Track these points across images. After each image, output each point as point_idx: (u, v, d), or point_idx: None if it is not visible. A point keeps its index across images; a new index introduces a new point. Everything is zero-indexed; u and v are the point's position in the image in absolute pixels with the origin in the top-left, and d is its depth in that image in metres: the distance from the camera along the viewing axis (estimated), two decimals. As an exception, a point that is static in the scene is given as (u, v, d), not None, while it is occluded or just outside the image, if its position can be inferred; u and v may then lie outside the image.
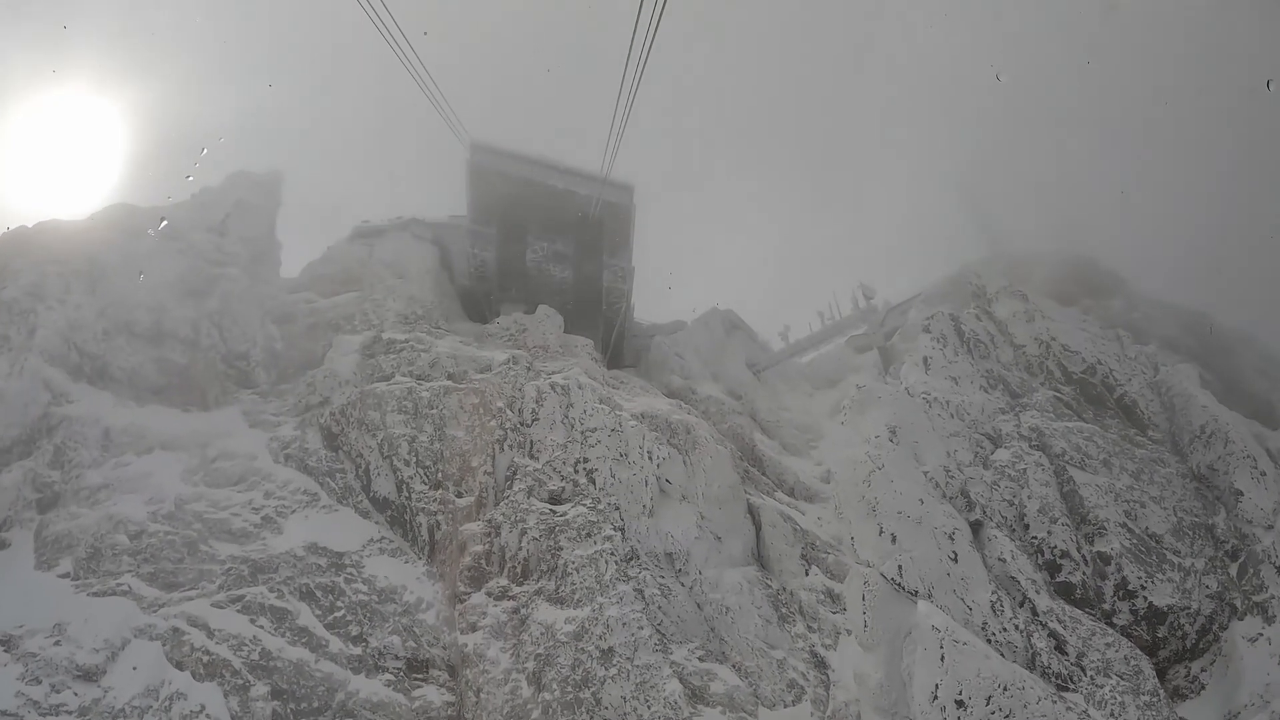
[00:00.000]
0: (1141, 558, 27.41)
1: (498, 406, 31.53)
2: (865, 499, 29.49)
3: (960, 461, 29.68)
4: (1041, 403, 32.07)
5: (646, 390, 39.36)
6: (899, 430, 31.01)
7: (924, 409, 31.75)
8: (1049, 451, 29.97)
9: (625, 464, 30.30)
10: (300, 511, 28.83)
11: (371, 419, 30.96)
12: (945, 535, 27.46)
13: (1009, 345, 34.89)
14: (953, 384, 32.31)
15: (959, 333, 35.48)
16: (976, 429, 30.78)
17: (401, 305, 39.50)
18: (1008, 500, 28.55)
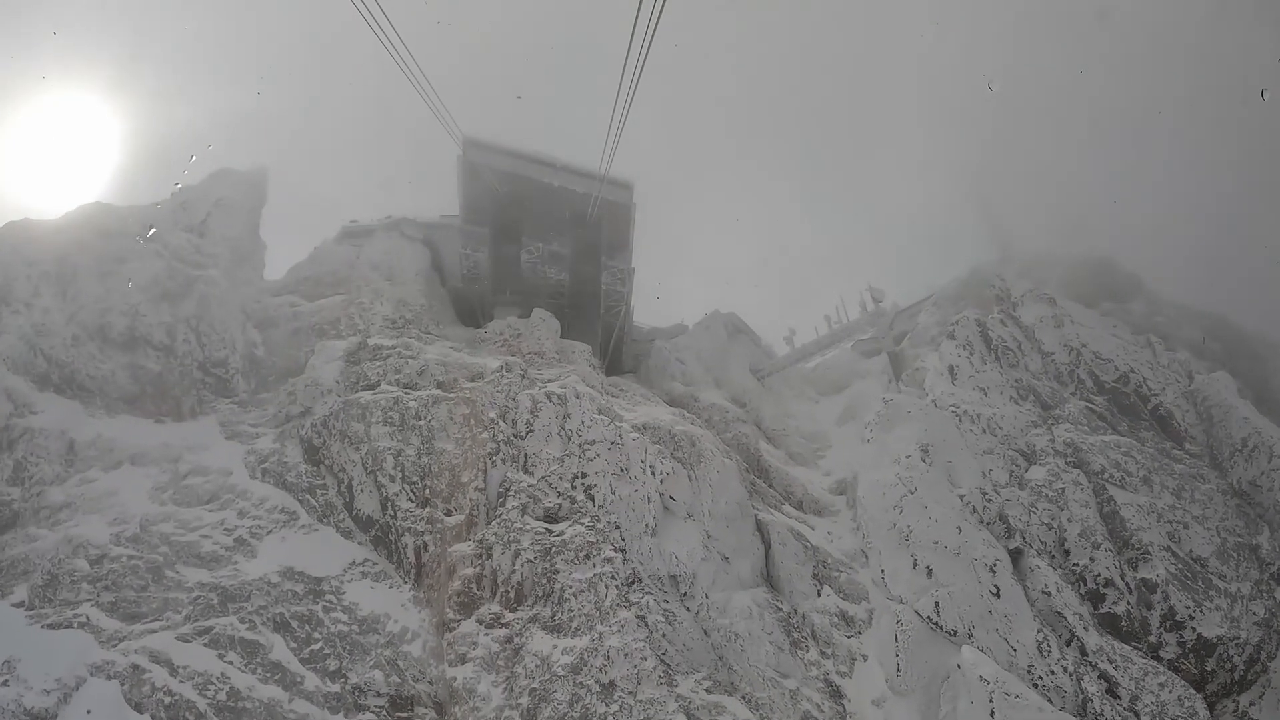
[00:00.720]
0: (1188, 584, 25.43)
1: (490, 417, 29.59)
2: (897, 527, 27.44)
3: (996, 482, 27.59)
4: (1074, 414, 30.08)
5: (647, 399, 37.39)
6: (931, 449, 28.88)
7: (955, 424, 29.76)
8: (1087, 468, 27.94)
9: (626, 479, 28.34)
10: (276, 532, 26.87)
11: (355, 431, 29.00)
12: (986, 567, 25.35)
13: (1037, 352, 32.82)
14: (982, 395, 30.27)
15: (986, 339, 33.47)
16: (1009, 445, 28.72)
17: (389, 309, 37.53)
18: (1046, 524, 26.47)
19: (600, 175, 37.24)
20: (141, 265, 36.37)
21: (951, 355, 32.38)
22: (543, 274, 41.34)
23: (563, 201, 41.07)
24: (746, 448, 38.70)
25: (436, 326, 38.66)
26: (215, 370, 34.54)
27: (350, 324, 36.91)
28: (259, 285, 42.37)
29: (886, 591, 27.10)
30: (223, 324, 35.77)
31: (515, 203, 41.50)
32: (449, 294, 43.26)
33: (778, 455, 41.20)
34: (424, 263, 42.49)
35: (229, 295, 37.33)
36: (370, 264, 42.16)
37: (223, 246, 40.84)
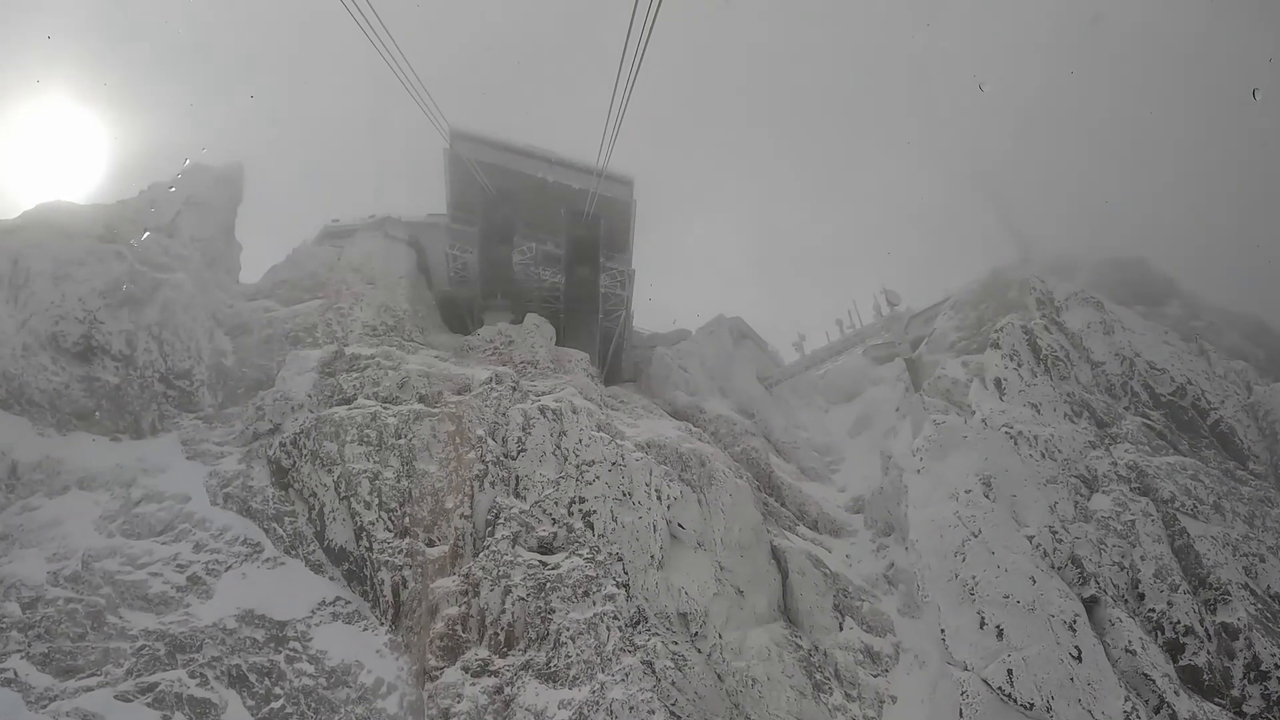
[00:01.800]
0: (1269, 627, 22.60)
1: (478, 435, 26.73)
2: (959, 578, 23.56)
3: (1063, 517, 24.45)
4: (1132, 433, 27.18)
5: (650, 411, 34.57)
6: (994, 481, 25.49)
7: (1013, 449, 26.54)
8: (1155, 496, 25.03)
9: (629, 505, 25.50)
10: (237, 568, 23.95)
11: (327, 451, 26.09)
12: (1065, 625, 21.87)
13: (1086, 362, 29.88)
14: (1034, 412, 27.34)
15: (1034, 348, 30.42)
16: (1070, 470, 25.75)
17: (370, 315, 34.65)
18: (1117, 563, 23.44)
19: (598, 170, 34.41)
20: (102, 268, 33.39)
21: (998, 367, 29.27)
22: (536, 276, 38.41)
23: (558, 198, 38.20)
24: (756, 463, 35.93)
25: (421, 333, 35.79)
26: (179, 382, 31.61)
27: (327, 331, 34.04)
28: (233, 289, 39.54)
29: (948, 655, 22.81)
30: (188, 331, 32.85)
31: (506, 199, 38.65)
32: (436, 298, 40.41)
33: (789, 470, 38.47)
34: (409, 264, 39.60)
35: (196, 300, 34.41)
36: (351, 266, 39.31)
37: (193, 248, 38.04)
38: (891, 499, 34.09)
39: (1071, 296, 32.10)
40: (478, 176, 36.38)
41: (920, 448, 27.46)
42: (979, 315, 42.12)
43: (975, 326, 41.81)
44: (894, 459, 35.40)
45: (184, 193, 39.74)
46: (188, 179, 41.03)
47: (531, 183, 37.79)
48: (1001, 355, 29.26)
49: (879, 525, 34.51)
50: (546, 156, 38.11)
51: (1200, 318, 37.40)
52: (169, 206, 39.26)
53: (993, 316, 41.45)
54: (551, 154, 38.16)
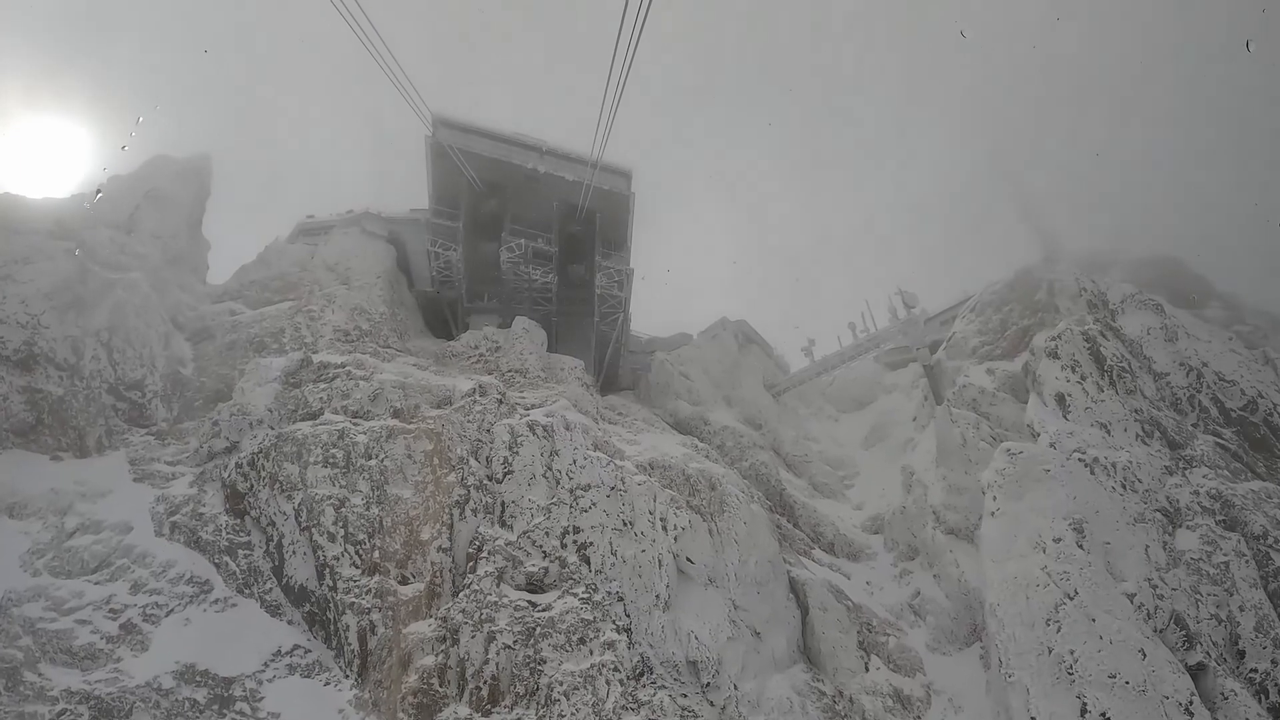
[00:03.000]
0: (1383, 685, 19.62)
1: (459, 455, 23.69)
2: (1054, 653, 19.60)
3: (1157, 563, 21.00)
4: (1208, 454, 24.05)
5: (650, 424, 31.54)
6: (1086, 526, 21.75)
7: (1096, 482, 22.83)
8: (1244, 530, 21.85)
9: (630, 536, 22.48)
10: (180, 612, 20.86)
11: (287, 474, 23.01)
12: (1180, 709, 18.40)
13: (1148, 373, 26.74)
14: (1104, 433, 24.20)
15: (1096, 358, 26.88)
16: (1151, 502, 22.63)
17: (342, 318, 31.53)
18: (1213, 615, 20.20)
19: (593, 160, 31.40)
20: (50, 267, 30.25)
21: (1059, 380, 25.95)
22: (526, 275, 35.28)
23: (550, 190, 35.09)
24: (766, 480, 32.98)
25: (399, 338, 32.66)
26: (129, 394, 28.48)
27: (296, 336, 30.93)
28: (198, 290, 36.39)
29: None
30: (141, 337, 29.69)
31: (494, 192, 35.57)
32: (417, 300, 37.31)
33: (801, 486, 35.54)
34: (387, 263, 36.46)
35: (152, 302, 31.25)
36: (325, 265, 36.17)
37: (153, 245, 34.91)
38: (915, 519, 31.21)
39: (1128, 299, 28.93)
40: (462, 167, 33.31)
41: (993, 483, 23.82)
42: (1003, 319, 39.16)
43: (999, 330, 38.90)
44: (917, 475, 32.55)
45: (144, 186, 36.57)
46: (149, 171, 37.90)
47: (521, 174, 34.71)
48: (1061, 366, 26.07)
49: (901, 548, 31.65)
50: (537, 146, 35.06)
51: (1244, 321, 34.45)
52: (127, 201, 36.11)
53: (1019, 320, 38.55)
54: (543, 143, 35.11)
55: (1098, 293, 29.61)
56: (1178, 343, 27.01)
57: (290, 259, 37.13)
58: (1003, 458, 24.10)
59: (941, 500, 30.23)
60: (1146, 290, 32.64)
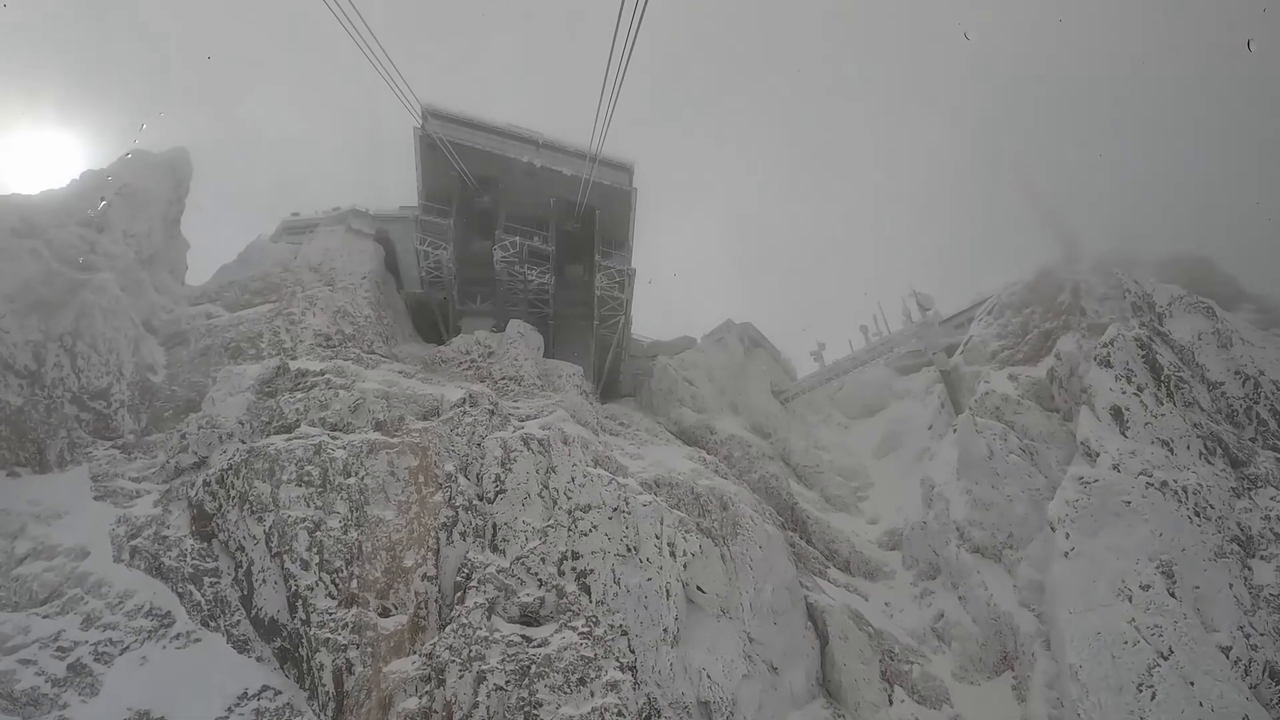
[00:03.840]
0: None
1: (446, 471, 21.72)
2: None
3: (1244, 605, 18.57)
4: (1273, 473, 21.77)
5: (654, 435, 29.57)
6: (1175, 568, 19.39)
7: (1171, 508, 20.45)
8: None
9: (635, 563, 20.48)
10: (136, 649, 18.85)
11: (258, 493, 20.98)
12: None
13: (1202, 382, 24.63)
14: (1166, 453, 22.01)
15: (1152, 367, 24.68)
16: (1224, 530, 20.28)
17: (324, 321, 29.52)
18: None
19: (592, 153, 29.44)
20: (13, 266, 28.28)
21: (1115, 392, 23.76)
22: (521, 276, 33.21)
23: (546, 186, 33.09)
24: (777, 493, 31.02)
25: (385, 343, 30.65)
26: (94, 404, 26.45)
27: (274, 341, 28.94)
28: (175, 292, 34.34)
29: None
30: (108, 342, 27.66)
31: (487, 187, 33.62)
32: (406, 302, 35.31)
33: (813, 500, 33.57)
34: (374, 263, 34.48)
35: (122, 305, 29.21)
36: (308, 265, 34.20)
37: (126, 244, 32.85)
38: (937, 536, 29.28)
39: (1176, 301, 26.75)
40: (453, 160, 31.33)
41: (1064, 518, 21.44)
42: (1023, 321, 37.37)
43: (1020, 334, 37.09)
44: (938, 489, 30.61)
45: (118, 181, 34.43)
46: (123, 166, 35.77)
47: (516, 168, 32.73)
48: (1115, 376, 23.93)
49: (921, 566, 29.75)
50: (533, 138, 33.08)
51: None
52: (99, 197, 33.98)
53: (1040, 323, 36.75)
54: (539, 135, 33.13)
55: (1143, 294, 27.55)
56: (1232, 349, 24.88)
57: (272, 259, 35.13)
58: (1074, 487, 21.66)
59: (965, 516, 28.32)
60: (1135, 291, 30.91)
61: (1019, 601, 25.46)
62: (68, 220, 31.86)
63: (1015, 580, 26.02)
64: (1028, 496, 26.23)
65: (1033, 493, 26.02)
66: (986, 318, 39.26)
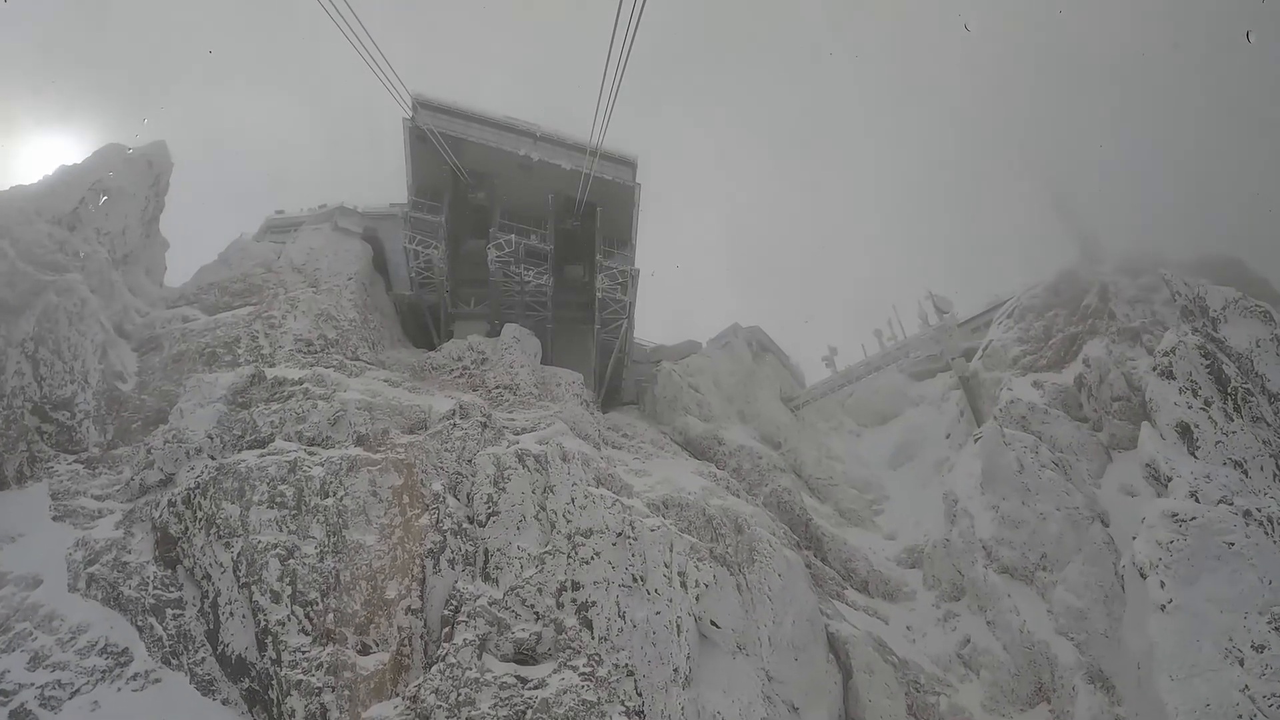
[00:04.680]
0: None
1: (433, 491, 19.86)
2: None
3: None
4: None
5: (660, 448, 27.73)
6: None
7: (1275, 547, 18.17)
8: None
9: (642, 595, 18.63)
10: (88, 692, 17.06)
11: (227, 516, 19.09)
12: None
13: (1262, 394, 22.58)
14: (1240, 475, 20.01)
15: (1219, 379, 22.62)
16: None
17: (305, 325, 27.62)
18: None
19: (593, 146, 27.58)
20: (-32, 268, 26.53)
21: (1181, 407, 21.71)
22: (517, 277, 31.25)
23: (544, 181, 31.20)
24: (790, 508, 29.16)
25: (371, 349, 28.75)
26: (57, 414, 24.60)
27: (252, 346, 27.06)
28: (151, 294, 32.55)
29: None
30: (74, 348, 25.82)
31: (481, 182, 31.75)
32: (395, 304, 33.38)
33: (827, 514, 31.71)
34: (361, 263, 32.57)
35: (91, 308, 27.38)
36: (292, 265, 32.32)
37: (99, 243, 31.10)
38: (961, 555, 27.42)
39: (1231, 305, 24.76)
40: (444, 153, 29.45)
41: (1157, 562, 19.07)
42: (1046, 325, 35.54)
43: (1042, 338, 35.26)
44: (961, 503, 28.72)
45: (91, 177, 32.47)
46: (98, 161, 33.82)
47: (512, 162, 30.83)
48: (1179, 390, 21.94)
49: (944, 587, 27.90)
50: (530, 131, 31.18)
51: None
52: (70, 194, 32.04)
53: (1064, 326, 34.93)
54: (536, 127, 31.24)
55: (1194, 298, 25.59)
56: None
57: (254, 259, 33.22)
58: (1166, 527, 19.34)
59: (993, 534, 26.49)
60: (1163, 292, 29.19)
61: (1055, 629, 23.62)
62: (37, 218, 30.02)
63: (1050, 605, 24.19)
64: (1064, 515, 24.37)
65: (1070, 511, 24.16)
66: (1006, 321, 37.39)
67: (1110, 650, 22.72)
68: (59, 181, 32.04)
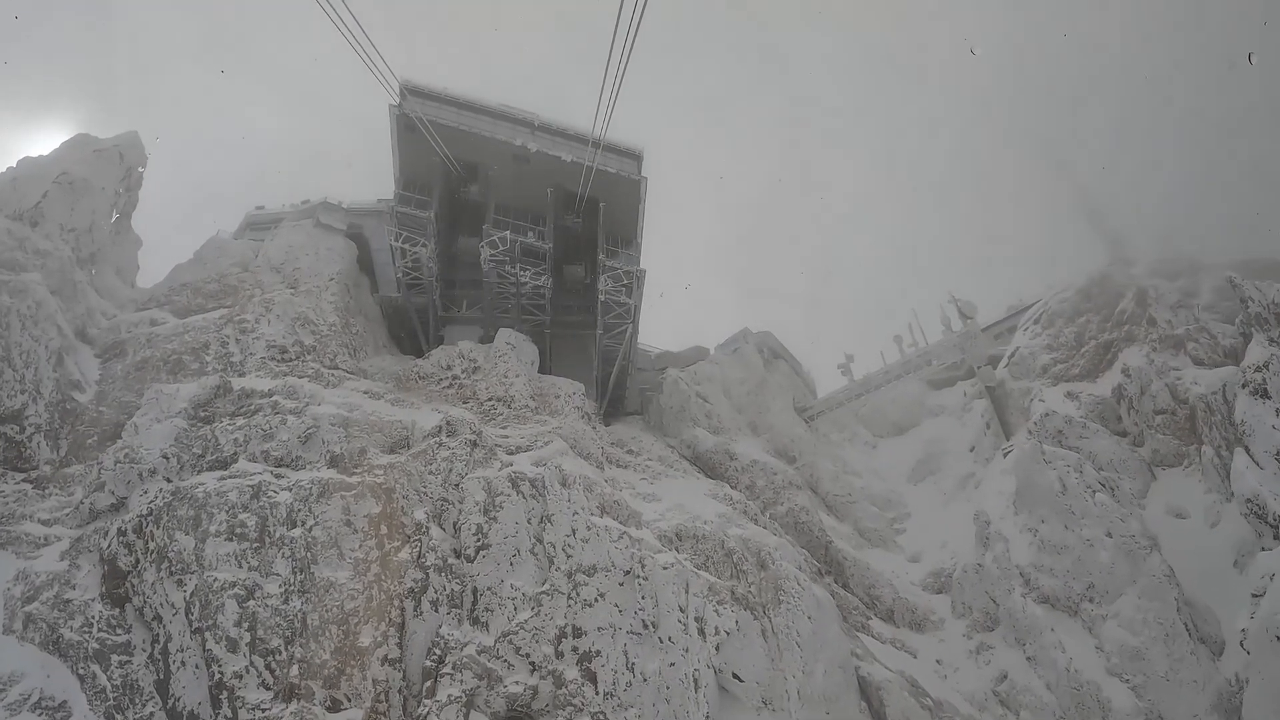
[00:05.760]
0: None
1: (415, 520, 17.63)
2: None
3: None
4: None
5: (669, 465, 25.50)
6: None
7: None
8: None
9: (653, 643, 16.37)
10: (11, 758, 14.62)
11: (180, 549, 16.76)
12: None
13: None
14: None
15: None
16: None
17: (280, 330, 25.32)
18: None
19: (595, 137, 25.34)
20: (-89, 270, 24.44)
21: None
22: (513, 278, 28.92)
23: (543, 174, 28.96)
24: (809, 530, 27.00)
25: (352, 356, 26.44)
26: (5, 428, 22.35)
27: (221, 353, 24.74)
28: (120, 295, 30.44)
29: None
30: (26, 354, 23.53)
31: (474, 175, 29.50)
32: (381, 308, 31.10)
33: (846, 534, 29.49)
34: (345, 262, 30.31)
35: (47, 311, 25.12)
36: (270, 265, 30.07)
37: (62, 240, 28.87)
38: (996, 582, 25.28)
39: (1311, 308, 22.53)
40: (434, 143, 27.17)
41: None
42: (1077, 331, 33.55)
43: (1074, 345, 33.25)
44: (993, 525, 26.49)
45: (55, 170, 30.18)
46: (64, 153, 31.57)
47: (507, 153, 28.56)
48: (1277, 410, 19.71)
49: (975, 615, 25.77)
50: (528, 120, 28.91)
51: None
52: (33, 188, 29.77)
53: (1098, 333, 32.91)
54: (534, 116, 28.98)
55: (1268, 304, 23.24)
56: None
57: (231, 257, 30.93)
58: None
59: (1031, 559, 24.41)
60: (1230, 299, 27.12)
61: (1107, 668, 21.50)
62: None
63: (1100, 641, 22.03)
64: (1116, 543, 22.15)
65: (1125, 540, 21.90)
66: (1033, 327, 35.28)
67: (1172, 695, 20.56)
68: (21, 175, 29.85)
